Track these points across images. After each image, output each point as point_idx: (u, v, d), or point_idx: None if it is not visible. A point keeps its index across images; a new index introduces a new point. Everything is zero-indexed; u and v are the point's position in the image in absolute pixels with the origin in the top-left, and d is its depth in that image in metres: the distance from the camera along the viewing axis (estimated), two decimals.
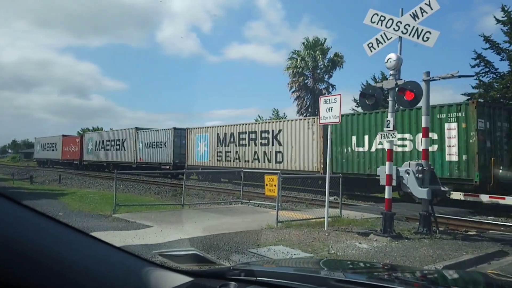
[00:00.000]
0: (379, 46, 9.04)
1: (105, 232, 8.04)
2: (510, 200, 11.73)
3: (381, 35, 8.99)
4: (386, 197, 8.36)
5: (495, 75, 24.59)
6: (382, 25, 8.90)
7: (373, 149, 16.53)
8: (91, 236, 1.25)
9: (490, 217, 12.04)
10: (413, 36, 8.45)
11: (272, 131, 21.20)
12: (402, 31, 8.60)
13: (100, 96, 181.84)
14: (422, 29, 8.38)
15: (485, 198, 12.23)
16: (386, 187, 8.36)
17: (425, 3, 8.40)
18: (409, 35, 8.50)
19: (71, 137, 46.45)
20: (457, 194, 12.81)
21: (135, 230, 8.40)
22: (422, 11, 8.43)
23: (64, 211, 11.90)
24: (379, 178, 8.84)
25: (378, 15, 8.96)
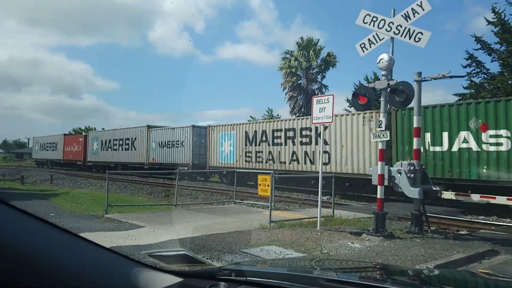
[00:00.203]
0: (372, 47, 9.08)
1: (97, 233, 7.99)
2: (501, 200, 11.85)
3: (373, 36, 9.03)
4: (378, 197, 8.41)
5: (486, 76, 24.85)
6: (374, 26, 8.95)
7: (455, 149, 14.06)
8: (80, 237, 1.24)
9: (481, 217, 12.16)
10: (405, 37, 8.50)
11: (316, 128, 18.28)
12: (394, 32, 8.65)
13: (92, 96, 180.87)
14: (414, 30, 8.44)
15: (476, 198, 12.34)
16: (378, 187, 8.40)
17: (417, 4, 8.45)
18: (401, 36, 8.55)
19: (74, 137, 44.25)
20: (448, 194, 12.91)
21: (127, 231, 8.36)
22: (414, 12, 8.48)
23: (56, 212, 11.80)
24: (372, 178, 8.88)
25: (370, 16, 9.01)
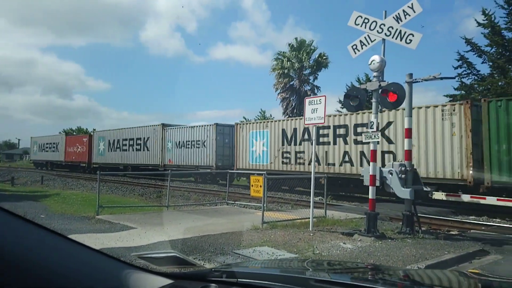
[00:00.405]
0: (363, 48, 9.13)
1: (87, 235, 7.92)
2: (491, 200, 11.98)
3: (365, 37, 9.08)
4: (370, 197, 8.45)
5: (477, 77, 25.12)
6: (366, 27, 9.00)
7: None
8: (69, 239, 1.23)
9: (472, 217, 12.26)
10: (396, 38, 8.56)
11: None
12: (386, 34, 8.70)
13: (84, 96, 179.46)
14: (405, 32, 8.50)
15: (467, 198, 12.47)
16: (370, 188, 8.45)
17: (408, 6, 8.52)
18: (393, 37, 8.61)
19: (77, 137, 41.71)
20: (439, 194, 13.03)
21: (119, 232, 8.30)
22: (405, 14, 8.54)
23: (46, 214, 11.69)
24: (363, 179, 8.93)
25: (362, 18, 9.05)
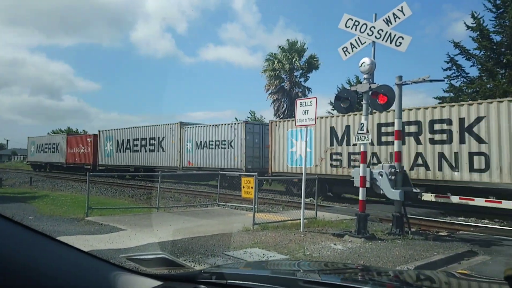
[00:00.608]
0: (354, 51, 9.19)
1: (76, 237, 7.84)
2: (479, 201, 12.13)
3: (355, 40, 9.14)
4: (360, 199, 8.49)
5: (466, 80, 25.41)
6: (357, 30, 9.06)
7: None
8: (57, 241, 1.22)
9: (461, 218, 12.40)
10: (386, 41, 8.64)
11: (460, 120, 13.09)
12: (376, 36, 8.77)
13: (73, 97, 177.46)
14: (395, 34, 8.57)
15: (456, 199, 12.61)
16: (360, 189, 8.49)
17: (398, 9, 8.59)
18: (383, 40, 8.68)
19: (80, 137, 38.34)
20: (428, 196, 13.15)
21: (108, 234, 8.23)
22: (395, 17, 8.62)
23: (35, 215, 11.55)
24: (354, 180, 8.97)
25: (353, 20, 9.11)
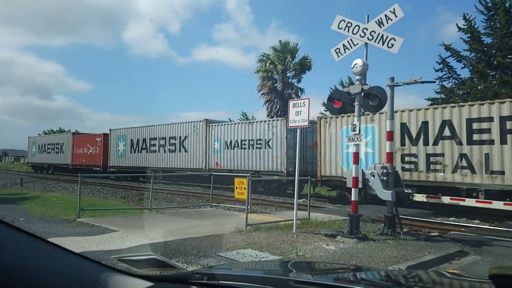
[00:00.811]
0: (346, 52, 9.23)
1: (68, 238, 7.78)
2: (470, 202, 12.24)
3: (348, 41, 9.18)
4: (352, 199, 8.53)
5: (457, 81, 25.67)
6: (349, 31, 9.10)
7: None
8: (48, 242, 1.21)
9: (452, 218, 12.50)
10: (378, 43, 8.69)
11: None
12: (368, 38, 8.82)
13: (64, 97, 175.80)
14: (387, 36, 8.63)
15: (447, 200, 12.71)
16: (353, 190, 8.53)
17: (390, 11, 8.65)
18: (375, 42, 8.73)
19: (88, 136, 35.24)
20: (420, 196, 13.25)
21: (100, 235, 8.18)
22: (387, 18, 8.68)
23: (25, 217, 11.46)
24: (346, 181, 9.02)
25: (345, 22, 9.16)
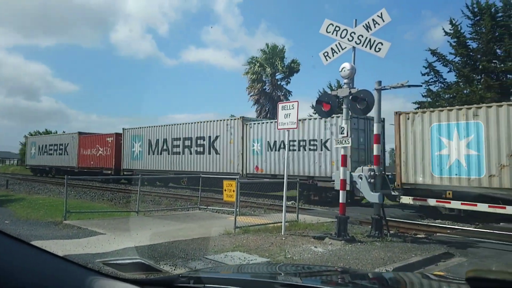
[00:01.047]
0: (334, 56, 9.30)
1: (54, 241, 7.67)
2: (455, 204, 12.41)
3: (336, 45, 9.26)
4: (341, 202, 8.59)
5: (443, 85, 26.05)
6: (337, 35, 9.17)
7: None
8: (32, 245, 1.20)
9: (438, 220, 12.65)
10: (366, 47, 8.78)
11: None
12: (356, 42, 8.91)
13: (51, 98, 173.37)
14: (375, 40, 8.72)
15: (433, 202, 12.86)
16: (341, 192, 8.59)
17: (377, 15, 8.75)
18: (362, 46, 8.82)
19: (97, 136, 31.80)
20: (406, 198, 13.38)
21: (87, 238, 8.09)
22: (375, 23, 8.77)
23: (11, 219, 11.27)
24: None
25: (333, 25, 9.23)
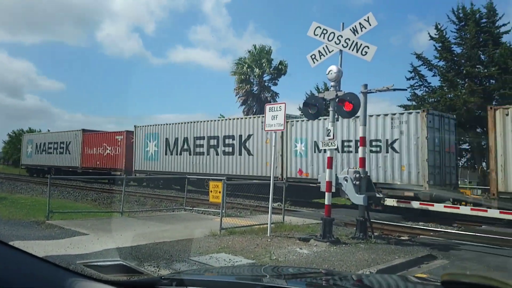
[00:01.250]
0: (322, 58, 9.36)
1: (36, 242, 7.53)
2: (438, 207, 12.62)
3: (323, 48, 9.32)
4: (326, 203, 8.64)
5: (428, 89, 26.49)
6: (325, 38, 9.24)
7: None
8: (11, 246, 1.18)
9: (421, 223, 12.83)
10: (353, 50, 8.86)
11: None
12: (343, 45, 8.98)
13: (35, 96, 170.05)
14: (361, 44, 8.81)
15: (416, 205, 13.04)
16: (326, 194, 8.64)
17: (364, 19, 8.84)
18: (349, 49, 8.90)
19: (104, 134, 29.19)
20: (391, 201, 13.54)
21: (69, 238, 7.97)
22: (362, 27, 8.86)
23: None
24: (320, 185, 9.12)
25: (321, 28, 9.30)
